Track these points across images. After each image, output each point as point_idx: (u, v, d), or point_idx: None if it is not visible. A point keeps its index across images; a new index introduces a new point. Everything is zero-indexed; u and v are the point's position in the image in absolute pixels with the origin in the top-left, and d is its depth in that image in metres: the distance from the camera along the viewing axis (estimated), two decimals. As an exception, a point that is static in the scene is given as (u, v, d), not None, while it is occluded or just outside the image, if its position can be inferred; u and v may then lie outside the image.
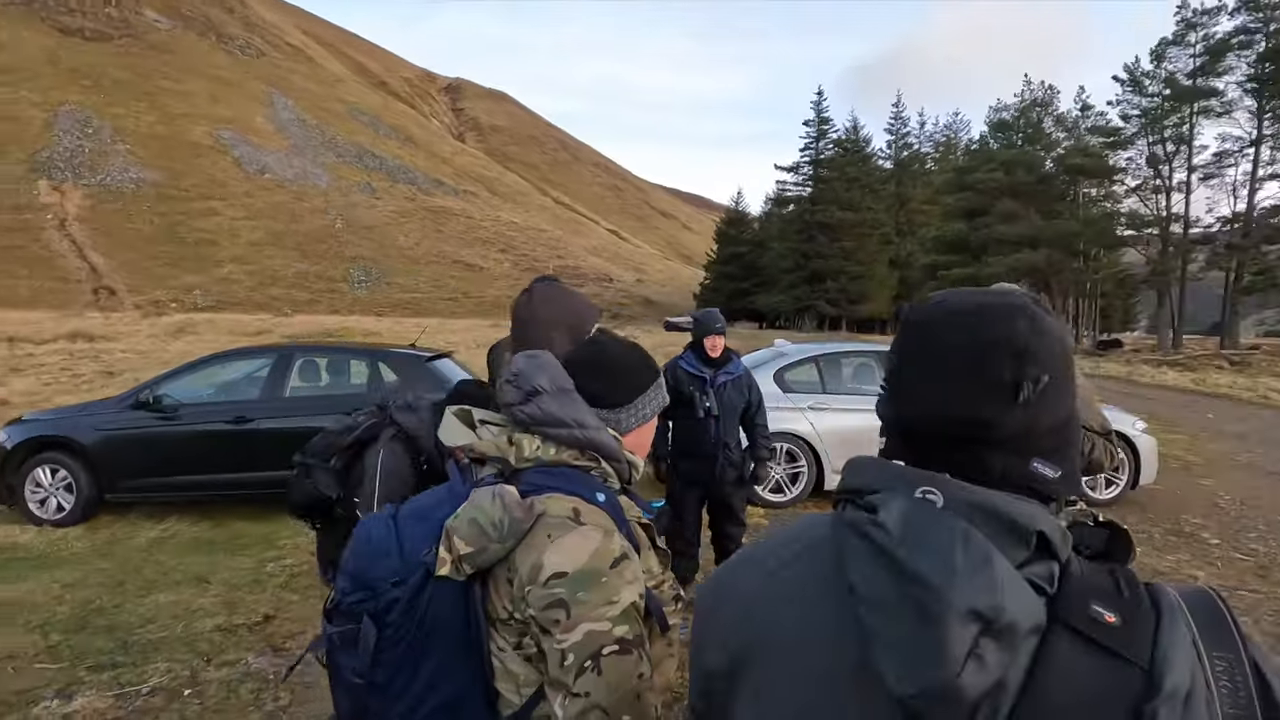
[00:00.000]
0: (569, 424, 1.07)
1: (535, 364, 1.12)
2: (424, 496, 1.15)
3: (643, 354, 1.25)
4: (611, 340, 1.21)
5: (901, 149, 74.32)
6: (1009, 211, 43.33)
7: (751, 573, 0.69)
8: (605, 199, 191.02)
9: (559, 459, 1.07)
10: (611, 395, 1.16)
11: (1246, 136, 37.54)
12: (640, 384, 1.20)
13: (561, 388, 1.10)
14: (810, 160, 64.69)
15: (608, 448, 1.11)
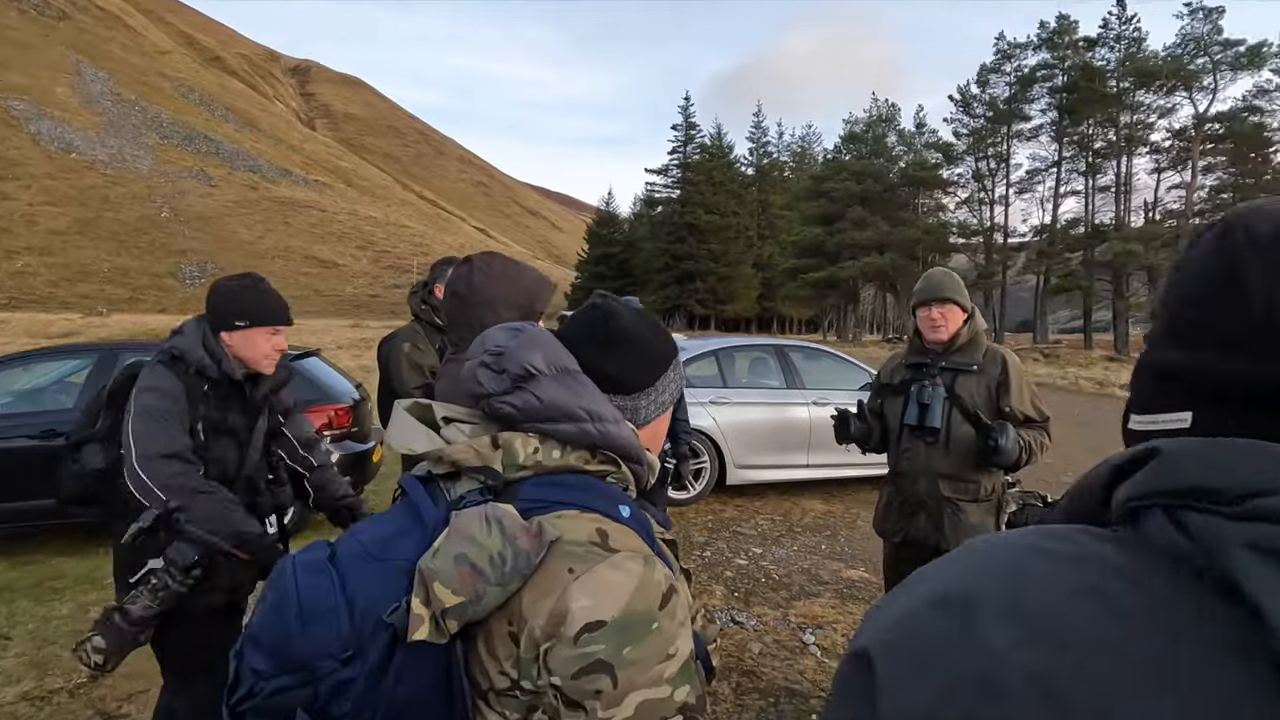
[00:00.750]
0: (580, 416, 0.80)
1: (525, 339, 0.83)
2: (371, 526, 0.81)
3: (657, 323, 0.96)
4: (618, 305, 0.91)
5: (762, 156, 78.23)
6: (860, 218, 46.88)
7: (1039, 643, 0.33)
8: (472, 196, 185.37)
9: (565, 463, 0.80)
10: (629, 377, 0.88)
11: (1050, 157, 43.17)
12: (661, 361, 0.92)
13: (564, 368, 0.83)
14: (678, 164, 66.38)
15: (629, 446, 0.83)
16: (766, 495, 6.14)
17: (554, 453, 0.79)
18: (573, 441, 0.80)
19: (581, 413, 0.79)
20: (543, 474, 0.78)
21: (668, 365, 0.93)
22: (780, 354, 6.53)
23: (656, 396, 0.92)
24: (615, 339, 0.88)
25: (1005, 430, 2.18)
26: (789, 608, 3.80)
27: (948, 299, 2.37)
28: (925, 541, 2.38)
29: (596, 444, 0.81)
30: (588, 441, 0.80)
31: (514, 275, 1.57)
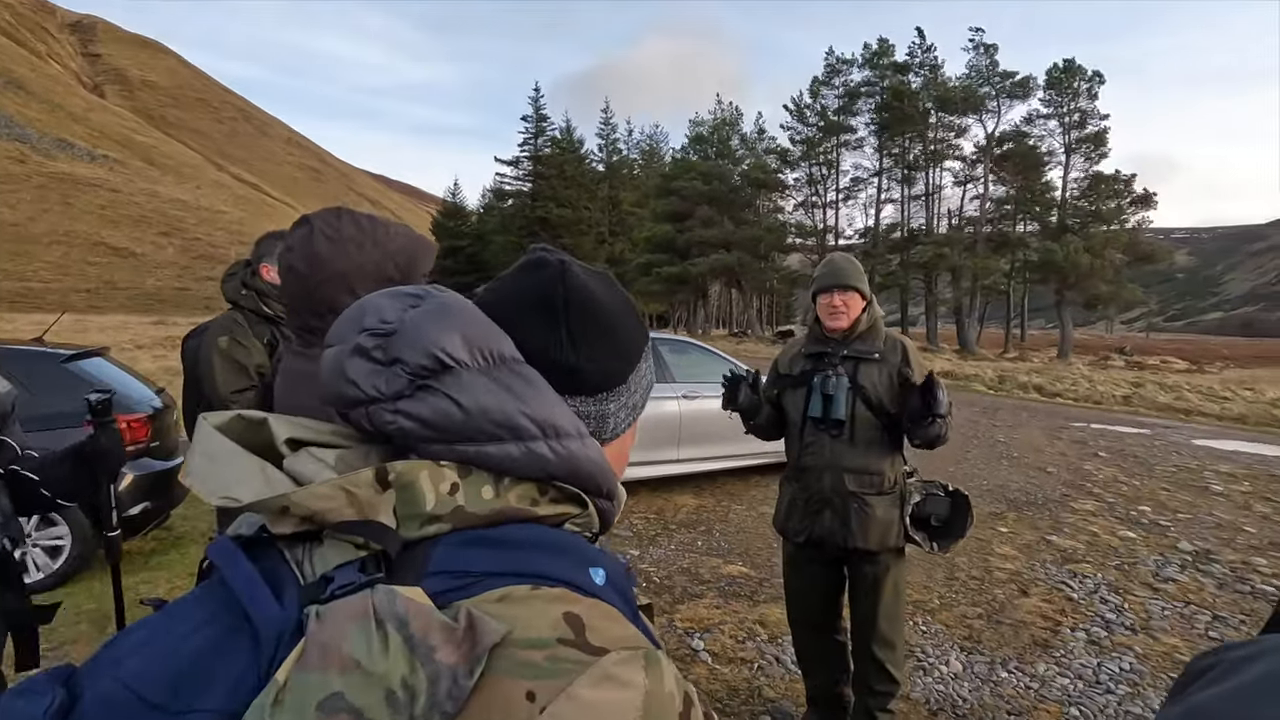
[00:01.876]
0: (527, 430, 0.51)
1: (431, 309, 0.53)
2: (149, 638, 0.47)
3: (622, 291, 0.65)
4: (572, 261, 0.61)
5: (612, 153, 78.92)
6: (708, 217, 48.71)
7: None
8: (301, 181, 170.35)
9: (504, 506, 0.50)
10: (596, 369, 0.58)
11: (873, 167, 47.47)
12: (636, 347, 0.63)
13: (499, 355, 0.53)
14: (530, 156, 65.16)
15: (597, 473, 0.55)
16: (638, 493, 5.96)
17: (485, 490, 0.49)
18: (516, 471, 0.50)
19: (530, 425, 0.51)
20: (467, 527, 0.48)
21: (641, 352, 0.64)
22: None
23: (628, 398, 0.62)
24: (576, 311, 0.57)
25: (941, 385, 2.08)
26: (674, 612, 3.62)
27: (850, 285, 2.26)
28: (831, 540, 2.26)
29: (553, 473, 0.52)
30: (539, 470, 0.51)
31: (375, 237, 1.17)
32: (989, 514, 5.60)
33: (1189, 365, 32.70)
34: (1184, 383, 20.58)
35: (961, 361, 29.15)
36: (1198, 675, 0.44)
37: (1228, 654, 0.43)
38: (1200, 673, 0.44)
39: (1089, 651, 3.33)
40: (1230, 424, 13.53)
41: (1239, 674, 0.41)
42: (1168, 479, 7.21)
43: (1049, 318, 72.70)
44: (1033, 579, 4.22)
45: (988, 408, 13.47)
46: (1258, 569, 4.51)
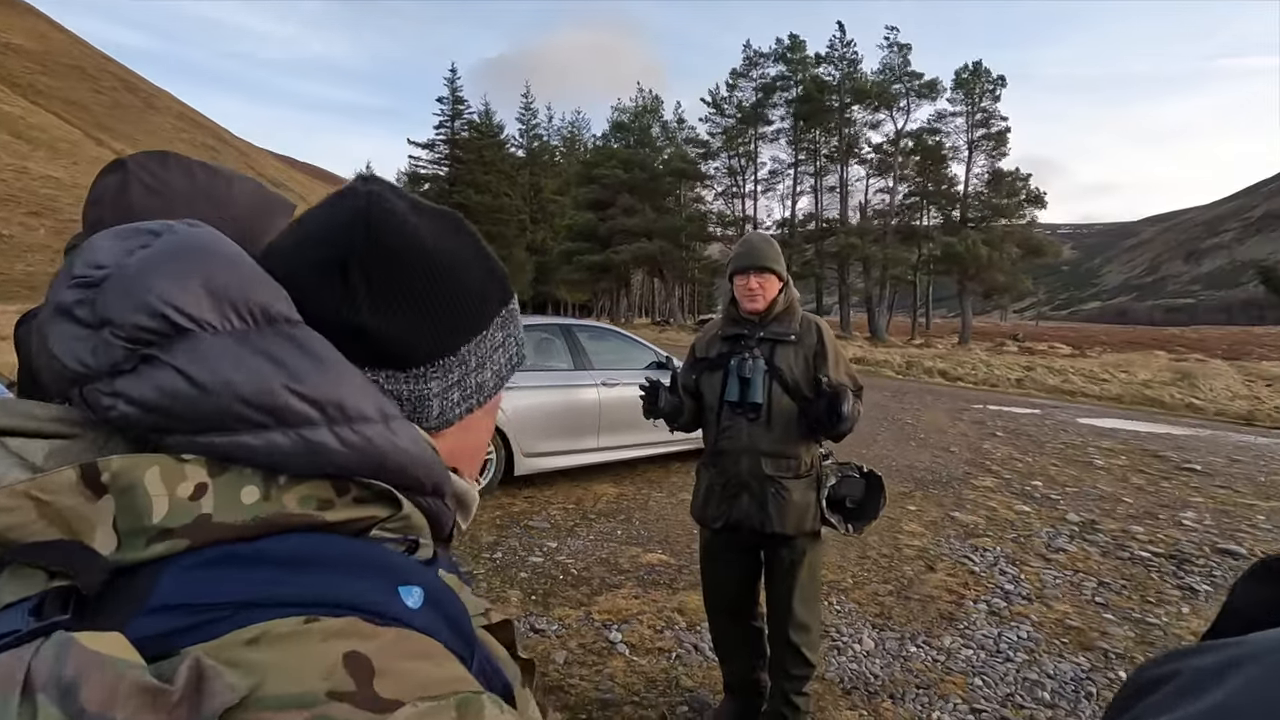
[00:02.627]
0: (298, 411, 0.39)
1: (164, 248, 0.40)
2: None
3: (469, 233, 0.52)
4: (394, 195, 0.48)
5: (533, 139, 77.57)
6: (629, 206, 48.69)
7: None
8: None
9: (274, 513, 0.38)
10: (411, 334, 0.46)
11: (789, 159, 48.65)
12: (477, 304, 0.50)
13: (262, 310, 0.40)
14: (446, 139, 63.06)
15: (413, 463, 0.43)
16: (557, 483, 5.82)
17: (245, 493, 0.37)
18: (292, 467, 0.38)
19: (301, 405, 0.38)
20: (215, 541, 0.36)
21: (486, 318, 0.51)
22: (567, 334, 6.23)
23: (462, 375, 0.49)
24: (381, 257, 0.44)
25: (847, 396, 2.06)
26: (591, 605, 3.52)
27: (766, 267, 2.20)
28: (749, 524, 2.21)
29: (347, 467, 0.39)
30: (325, 464, 0.39)
31: (211, 191, 0.97)
32: (898, 493, 5.79)
33: (1073, 350, 35.36)
34: (1069, 366, 22.22)
35: (872, 348, 30.42)
36: (1148, 689, 0.35)
37: (1186, 662, 0.34)
38: (1151, 685, 0.35)
39: (990, 622, 3.46)
40: (1109, 403, 14.69)
41: (1208, 692, 0.31)
42: (1057, 455, 7.70)
43: (951, 306, 77.06)
44: (939, 554, 4.38)
45: (896, 392, 14.07)
46: (1135, 536, 4.85)
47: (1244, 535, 4.93)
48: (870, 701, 2.73)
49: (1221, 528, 5.09)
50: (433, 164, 64.36)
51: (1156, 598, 3.83)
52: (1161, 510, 5.53)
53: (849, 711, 2.65)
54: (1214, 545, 4.66)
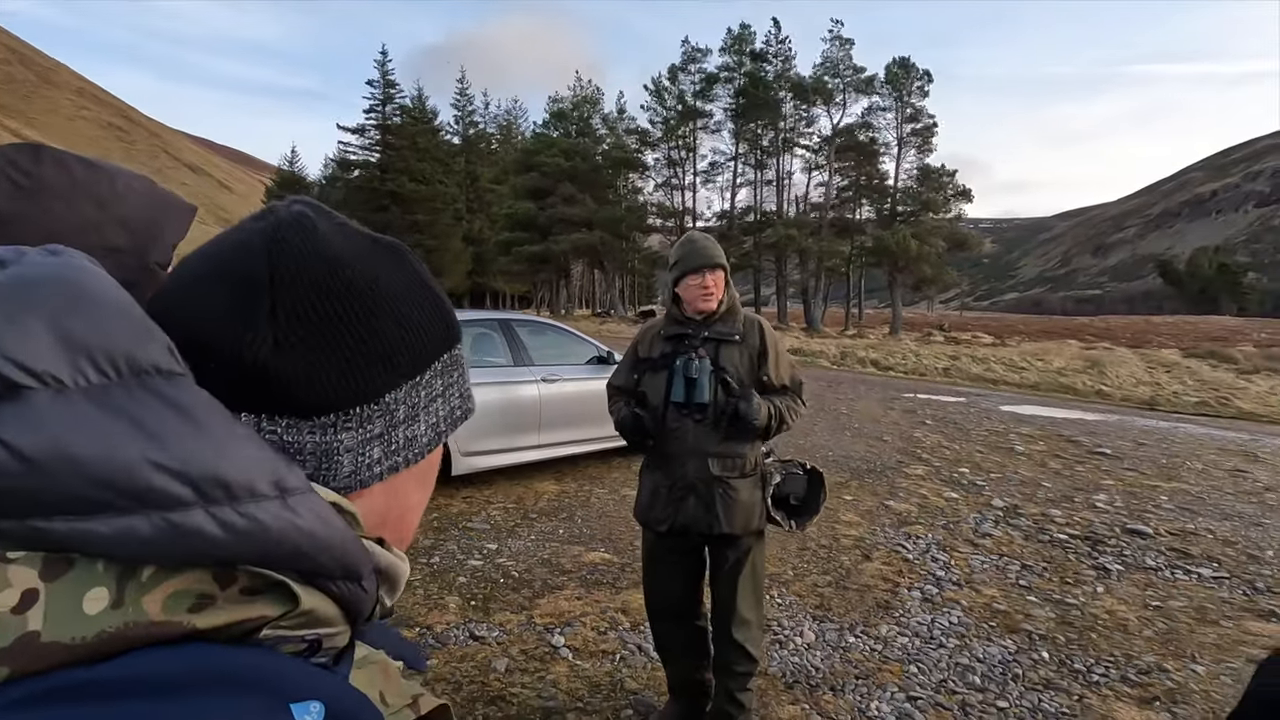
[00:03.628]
0: (161, 492, 0.30)
1: (5, 287, 0.31)
2: None
3: (411, 271, 0.45)
4: (310, 214, 0.41)
5: (468, 126, 75.75)
6: (570, 195, 48.18)
7: None
8: (101, 140, 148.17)
9: (133, 623, 0.30)
10: (311, 374, 0.38)
11: (729, 151, 49.15)
12: (408, 348, 0.42)
13: (128, 365, 0.32)
14: (377, 125, 60.82)
15: (313, 545, 0.34)
16: (496, 482, 5.70)
17: (91, 598, 0.30)
18: (156, 558, 0.31)
19: (168, 483, 0.30)
20: (47, 669, 0.28)
21: (432, 355, 0.44)
22: (506, 329, 6.09)
23: (393, 424, 0.42)
24: (293, 285, 0.38)
25: (749, 396, 2.09)
26: (533, 608, 3.45)
27: (719, 265, 2.19)
28: (696, 527, 2.19)
29: (230, 555, 0.32)
30: (200, 554, 0.31)
31: (95, 190, 0.84)
32: (836, 483, 5.93)
33: (994, 340, 37.18)
34: (991, 355, 23.32)
35: (809, 339, 31.15)
36: None
37: None
38: None
39: (924, 609, 3.58)
40: (1028, 391, 15.49)
41: None
42: (981, 442, 8.06)
43: (883, 297, 79.78)
44: (874, 544, 4.50)
45: (832, 382, 14.45)
46: (1054, 519, 5.11)
47: (1150, 515, 5.26)
48: (812, 695, 2.76)
49: (1130, 509, 5.43)
50: (363, 150, 61.98)
51: (1074, 578, 4.04)
52: (1077, 493, 5.85)
53: (791, 706, 2.68)
54: (1124, 526, 4.96)
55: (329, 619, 0.37)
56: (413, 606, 3.40)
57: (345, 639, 0.39)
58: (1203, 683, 2.93)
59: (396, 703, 0.42)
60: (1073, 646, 3.22)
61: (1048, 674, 2.98)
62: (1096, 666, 3.04)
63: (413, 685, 0.45)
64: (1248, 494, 6.03)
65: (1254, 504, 5.70)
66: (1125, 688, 2.88)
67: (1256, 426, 10.96)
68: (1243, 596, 3.85)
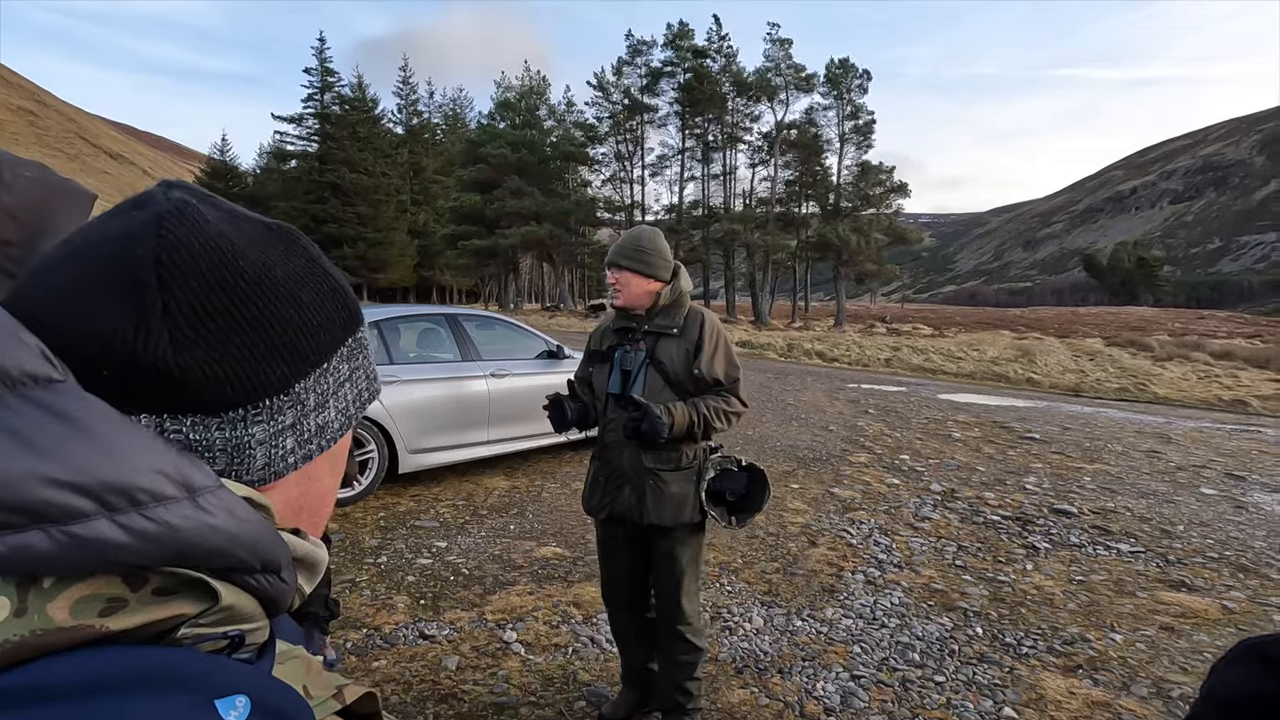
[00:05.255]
0: (55, 506, 0.29)
1: None
2: None
3: (305, 254, 0.44)
4: (192, 199, 0.39)
5: (412, 115, 73.92)
6: (517, 187, 47.54)
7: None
8: (10, 125, 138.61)
9: (39, 631, 0.30)
10: (215, 369, 0.37)
11: (676, 145, 49.28)
12: (310, 335, 0.42)
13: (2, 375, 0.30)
14: (315, 114, 58.74)
15: (227, 544, 0.34)
16: (445, 479, 5.62)
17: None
18: (56, 568, 0.30)
19: (64, 497, 0.29)
20: None
21: (337, 340, 0.44)
22: (453, 324, 5.99)
23: (304, 413, 0.42)
24: (183, 276, 0.36)
25: (649, 417, 2.08)
26: (484, 605, 3.43)
27: (620, 265, 2.21)
28: (630, 517, 2.23)
29: (139, 560, 0.31)
30: (103, 560, 0.30)
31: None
32: (782, 472, 6.07)
33: (933, 331, 38.53)
34: (930, 346, 24.17)
35: (757, 332, 31.65)
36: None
37: None
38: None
39: (867, 591, 3.71)
40: (964, 380, 16.13)
41: None
42: (921, 429, 8.36)
43: (828, 290, 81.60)
44: (820, 530, 4.63)
45: (779, 373, 14.73)
46: (987, 502, 5.36)
47: (1074, 495, 5.57)
48: (760, 678, 2.84)
49: (1057, 490, 5.73)
50: (301, 140, 59.82)
51: (1006, 557, 4.25)
52: (1009, 477, 6.15)
53: (741, 690, 2.75)
54: (1051, 506, 5.24)
55: (249, 614, 0.37)
56: (360, 607, 3.34)
57: (265, 634, 0.39)
58: (1120, 650, 3.13)
59: (321, 694, 0.42)
60: (1004, 621, 3.39)
61: (981, 648, 3.13)
62: (1026, 639, 3.21)
63: (335, 677, 0.46)
64: (1161, 473, 6.45)
65: (1167, 483, 6.10)
66: (1051, 658, 3.06)
67: (1170, 410, 11.70)
68: (1156, 569, 4.12)
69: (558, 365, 6.27)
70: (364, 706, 0.43)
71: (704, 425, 2.19)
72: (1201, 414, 11.38)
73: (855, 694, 2.74)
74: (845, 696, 2.73)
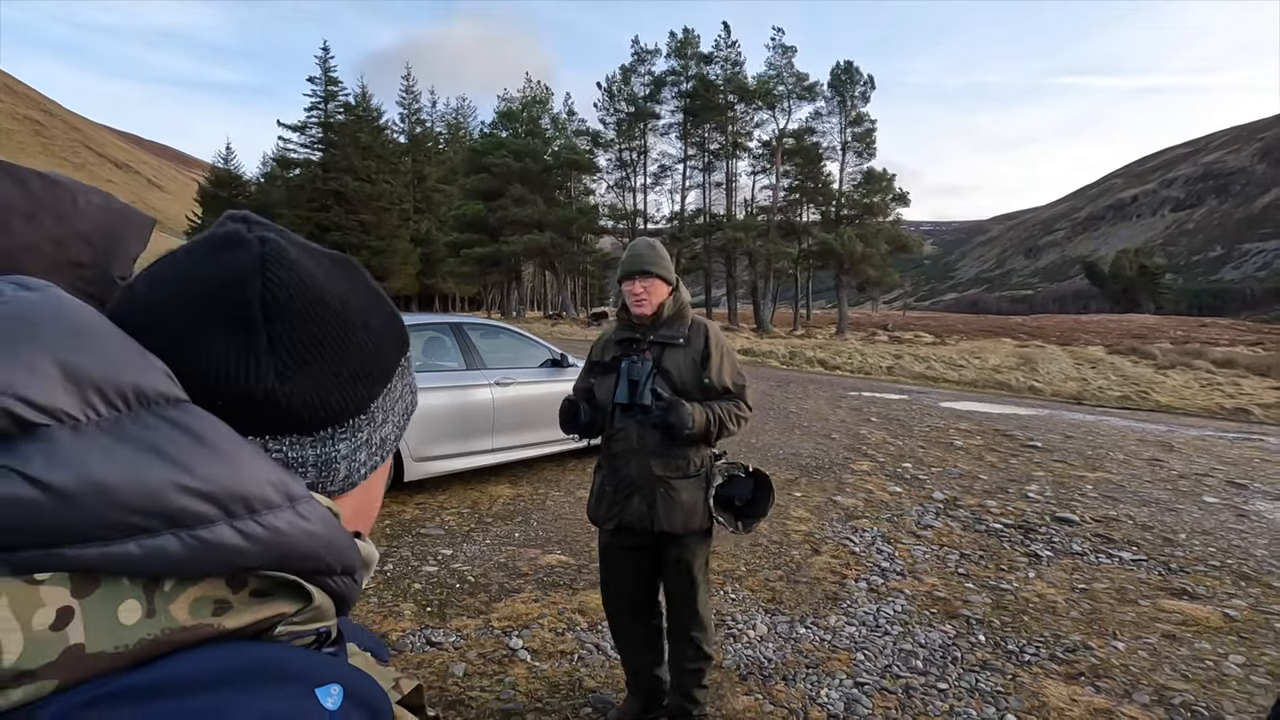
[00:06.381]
0: (191, 513, 0.33)
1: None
2: None
3: (366, 283, 0.48)
4: (278, 236, 0.42)
5: (415, 124, 74.29)
6: (520, 196, 47.74)
7: None
8: (16, 134, 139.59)
9: (168, 629, 0.33)
10: (315, 396, 0.41)
11: (679, 154, 49.51)
12: (384, 355, 0.47)
13: (137, 395, 0.34)
14: (319, 122, 59.08)
15: (324, 547, 0.39)
16: (451, 487, 5.65)
17: (125, 610, 0.32)
18: (181, 570, 0.33)
19: (198, 504, 0.33)
20: (94, 676, 0.31)
21: (393, 369, 0.48)
22: (458, 333, 6.04)
23: (371, 433, 0.46)
24: (285, 314, 0.40)
25: (675, 408, 2.16)
26: (490, 612, 3.46)
27: (649, 271, 2.25)
28: (640, 525, 2.26)
29: (249, 564, 0.35)
30: (224, 564, 0.34)
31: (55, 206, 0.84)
32: (786, 480, 6.09)
33: (935, 339, 38.54)
34: (932, 354, 24.19)
35: (759, 340, 31.69)
36: None
37: None
38: None
39: (869, 599, 3.73)
40: (966, 387, 16.15)
41: None
42: (923, 438, 8.39)
43: (829, 297, 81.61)
44: (823, 538, 4.65)
45: (781, 381, 14.76)
46: (990, 510, 5.38)
47: (1077, 504, 5.59)
48: (765, 685, 2.86)
49: (1059, 498, 5.75)
50: (305, 148, 60.14)
51: (1008, 565, 4.27)
52: (1011, 485, 6.17)
53: (745, 697, 2.77)
54: (1053, 514, 5.26)
55: (329, 612, 0.41)
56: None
57: (337, 630, 0.44)
58: (1122, 658, 3.15)
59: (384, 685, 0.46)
60: (1007, 629, 3.41)
61: (984, 655, 3.15)
62: (1028, 647, 3.23)
63: (391, 671, 0.50)
64: (1164, 481, 6.46)
65: (1169, 490, 6.11)
66: (1054, 665, 3.08)
67: (1171, 418, 11.71)
68: (1158, 577, 4.14)
69: (561, 374, 6.31)
70: (413, 699, 0.47)
71: (719, 426, 2.25)
72: (1204, 422, 11.38)
73: (859, 701, 2.76)
74: (849, 703, 2.75)
